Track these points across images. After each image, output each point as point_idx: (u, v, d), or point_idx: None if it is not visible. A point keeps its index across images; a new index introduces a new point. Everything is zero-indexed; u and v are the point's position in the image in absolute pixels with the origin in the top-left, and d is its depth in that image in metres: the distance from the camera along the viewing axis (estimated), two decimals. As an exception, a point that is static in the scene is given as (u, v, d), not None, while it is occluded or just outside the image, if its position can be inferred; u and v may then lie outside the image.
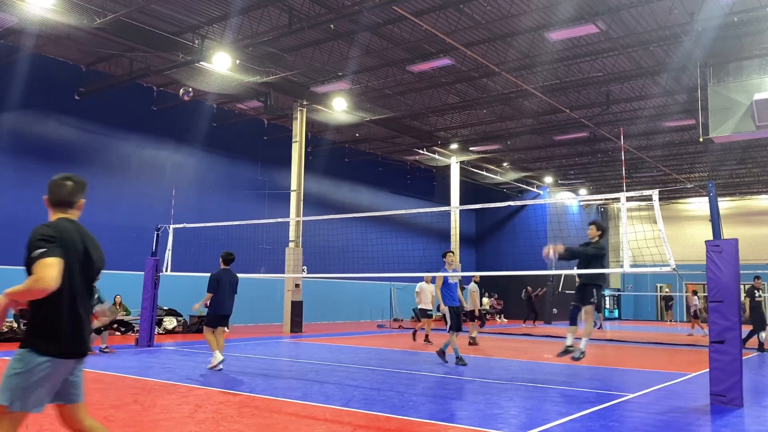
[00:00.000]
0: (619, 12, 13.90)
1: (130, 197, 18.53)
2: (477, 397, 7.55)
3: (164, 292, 14.62)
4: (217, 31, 15.41)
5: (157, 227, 14.03)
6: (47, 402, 3.32)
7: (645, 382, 9.18)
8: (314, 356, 12.07)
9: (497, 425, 5.94)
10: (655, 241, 8.24)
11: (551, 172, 30.71)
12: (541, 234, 32.50)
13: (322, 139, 24.27)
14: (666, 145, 24.65)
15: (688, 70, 16.79)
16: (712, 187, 7.80)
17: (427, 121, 22.74)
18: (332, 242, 24.87)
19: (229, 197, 21.00)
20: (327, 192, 24.91)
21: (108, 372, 9.16)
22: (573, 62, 16.96)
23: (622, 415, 6.66)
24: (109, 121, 18.17)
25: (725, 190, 32.08)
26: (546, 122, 22.46)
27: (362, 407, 6.76)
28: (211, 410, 6.45)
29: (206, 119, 20.69)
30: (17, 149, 16.25)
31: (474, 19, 14.44)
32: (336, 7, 13.76)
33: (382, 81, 18.51)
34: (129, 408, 6.50)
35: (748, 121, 15.02)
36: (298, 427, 5.80)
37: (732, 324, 7.11)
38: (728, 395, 7.07)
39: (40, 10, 12.60)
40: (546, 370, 10.76)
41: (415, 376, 9.41)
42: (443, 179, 28.61)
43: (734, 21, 13.96)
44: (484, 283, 33.59)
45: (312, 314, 22.00)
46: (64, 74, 17.12)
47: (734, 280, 7.20)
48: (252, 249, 21.17)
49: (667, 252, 7.96)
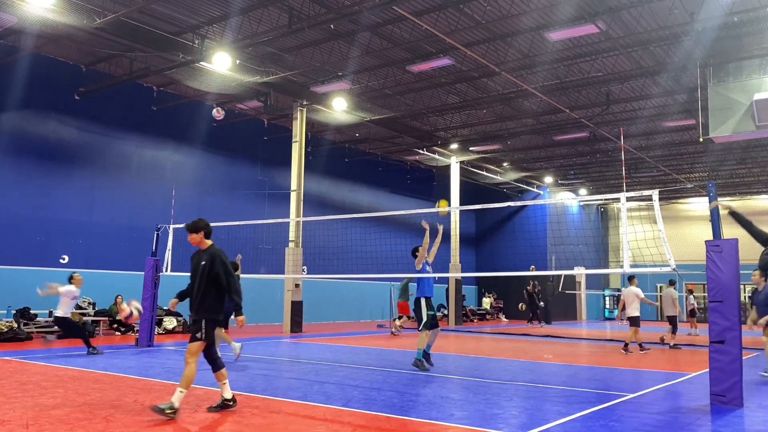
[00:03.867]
0: (619, 12, 13.90)
1: (130, 197, 18.53)
2: (477, 397, 7.55)
3: (164, 292, 14.60)
4: (217, 31, 15.41)
5: (157, 227, 14.03)
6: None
7: (645, 382, 9.18)
8: (314, 356, 12.07)
9: (497, 425, 5.94)
10: (655, 241, 8.24)
11: (551, 172, 30.71)
12: (540, 234, 32.59)
13: (322, 139, 24.27)
14: (666, 145, 24.65)
15: (688, 70, 16.79)
16: (712, 187, 7.80)
17: (427, 121, 22.74)
18: (332, 242, 24.87)
19: (229, 197, 21.00)
20: (327, 192, 24.92)
21: (108, 372, 9.16)
22: (573, 62, 16.96)
23: (622, 415, 6.66)
24: (109, 121, 18.17)
25: (725, 190, 32.09)
26: (546, 122, 22.46)
27: (362, 407, 6.76)
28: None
29: (206, 119, 20.68)
30: (17, 149, 16.25)
31: (474, 19, 14.44)
32: (336, 7, 13.76)
33: (382, 81, 18.50)
34: (129, 408, 6.50)
35: (748, 121, 15.03)
36: (298, 427, 5.80)
37: (732, 324, 7.11)
38: (728, 395, 7.07)
39: (40, 10, 12.59)
40: (546, 370, 10.76)
41: (415, 376, 9.40)
42: (443, 179, 28.60)
43: (734, 21, 13.96)
44: (483, 283, 33.72)
45: (312, 314, 22.00)
46: (64, 74, 17.12)
47: (734, 280, 7.20)
48: (252, 249, 21.19)
49: (667, 252, 7.96)
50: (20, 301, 15.14)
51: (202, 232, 6.60)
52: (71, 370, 9.28)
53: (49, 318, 15.47)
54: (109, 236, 17.83)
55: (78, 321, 15.51)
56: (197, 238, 6.61)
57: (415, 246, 10.68)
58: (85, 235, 17.34)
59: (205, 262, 6.44)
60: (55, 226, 16.80)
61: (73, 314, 15.59)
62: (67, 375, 8.76)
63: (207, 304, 6.42)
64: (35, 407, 6.39)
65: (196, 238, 6.62)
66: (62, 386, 7.77)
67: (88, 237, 17.37)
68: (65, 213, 16.94)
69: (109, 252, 17.68)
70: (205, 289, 6.41)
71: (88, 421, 5.85)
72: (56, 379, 8.39)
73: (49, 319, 15.45)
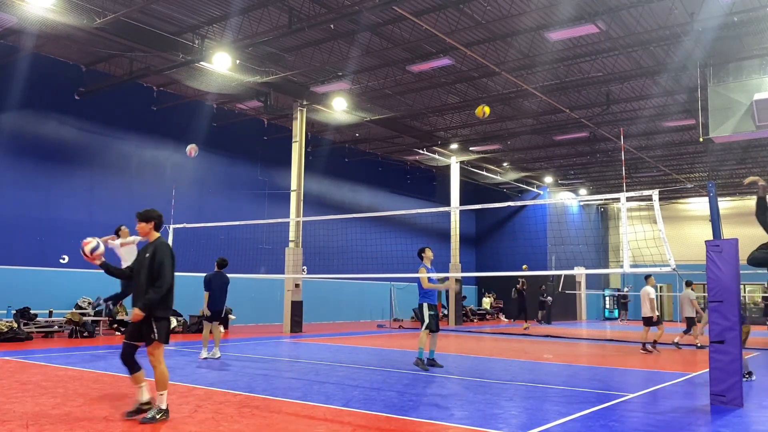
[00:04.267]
0: (619, 12, 13.90)
1: (130, 197, 18.52)
2: (477, 397, 7.55)
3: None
4: (217, 31, 15.41)
5: (157, 227, 14.00)
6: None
7: (645, 382, 9.18)
8: (314, 356, 12.07)
9: (497, 425, 5.94)
10: (655, 241, 8.25)
11: (551, 172, 30.71)
12: (540, 234, 32.60)
13: (322, 139, 24.27)
14: (666, 145, 24.65)
15: (688, 70, 16.79)
16: (712, 187, 7.80)
17: (427, 121, 22.74)
18: (332, 242, 24.89)
19: (229, 197, 20.99)
20: (327, 192, 24.92)
21: (108, 372, 9.16)
22: (573, 62, 16.96)
23: (622, 415, 6.66)
24: (109, 121, 18.17)
25: (725, 190, 32.08)
26: (546, 122, 22.46)
27: (362, 407, 6.76)
28: (211, 410, 6.45)
29: (206, 119, 20.69)
30: (17, 149, 16.25)
31: (474, 19, 14.44)
32: (336, 7, 13.76)
33: (382, 81, 18.51)
34: (129, 408, 6.49)
35: (748, 121, 15.03)
36: (298, 427, 5.80)
37: (732, 324, 7.11)
38: (728, 395, 7.07)
39: (40, 10, 12.59)
40: (546, 370, 10.76)
41: (415, 376, 9.40)
42: (443, 179, 28.61)
43: (734, 21, 13.95)
44: (484, 283, 33.74)
45: (312, 314, 22.00)
46: (64, 74, 17.12)
47: (734, 280, 7.20)
48: (252, 249, 21.19)
49: (666, 252, 7.97)
50: (20, 301, 15.14)
51: (153, 223, 6.23)
52: (71, 370, 9.28)
53: (50, 318, 15.49)
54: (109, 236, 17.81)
55: (79, 321, 15.54)
56: (146, 228, 6.23)
57: (421, 247, 10.69)
58: (85, 235, 17.22)
59: (149, 254, 6.05)
60: (55, 226, 16.79)
61: (73, 314, 15.63)
62: (67, 375, 8.76)
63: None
64: (35, 407, 6.39)
65: (145, 228, 6.23)
66: (62, 386, 7.77)
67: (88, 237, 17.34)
68: (65, 213, 16.94)
69: (109, 252, 17.64)
70: (147, 282, 5.97)
71: (88, 421, 5.85)
72: (56, 379, 8.39)
73: (49, 318, 15.46)
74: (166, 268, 6.00)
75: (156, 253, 6.02)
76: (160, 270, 5.96)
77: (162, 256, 6.01)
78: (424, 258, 10.53)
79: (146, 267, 6.03)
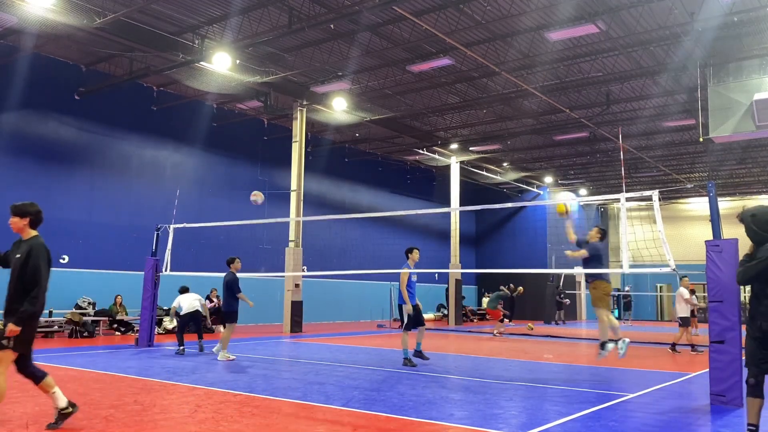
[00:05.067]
0: (619, 12, 13.90)
1: (130, 197, 18.53)
2: (477, 397, 7.55)
3: (164, 292, 14.62)
4: (217, 31, 15.41)
5: (157, 227, 14.03)
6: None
7: (645, 382, 9.18)
8: (314, 356, 12.07)
9: (497, 425, 5.94)
10: (655, 242, 8.24)
11: (551, 172, 30.71)
12: (540, 234, 32.61)
13: (322, 139, 24.28)
14: (666, 145, 24.65)
15: (688, 70, 16.78)
16: (712, 187, 7.79)
17: (427, 121, 22.74)
18: (332, 242, 24.94)
19: (229, 197, 21.00)
20: (327, 192, 24.92)
21: (108, 372, 9.16)
22: (573, 62, 16.96)
23: (622, 415, 6.66)
24: (109, 121, 18.17)
25: (725, 190, 32.08)
26: (546, 122, 22.46)
27: (362, 407, 6.76)
28: (211, 410, 6.46)
29: (206, 119, 20.69)
30: (17, 149, 16.25)
31: (474, 19, 14.44)
32: (336, 7, 13.76)
33: (382, 81, 18.50)
34: (129, 408, 6.50)
35: (748, 121, 15.03)
36: (298, 427, 5.80)
37: (732, 324, 7.11)
38: (728, 395, 7.07)
39: (40, 10, 12.59)
40: (546, 370, 10.77)
41: (415, 376, 9.41)
42: (443, 179, 28.61)
43: (734, 21, 13.95)
44: (484, 283, 33.71)
45: (312, 314, 22.00)
46: (64, 74, 17.12)
47: (734, 280, 7.20)
48: (252, 249, 21.21)
49: (666, 252, 7.96)
50: (20, 301, 15.11)
51: (29, 219, 5.40)
52: (71, 370, 9.28)
53: (50, 318, 15.48)
54: (109, 236, 17.82)
55: (79, 321, 15.53)
56: (20, 224, 5.39)
57: (410, 247, 10.75)
58: (85, 235, 17.33)
59: (21, 254, 5.22)
60: (55, 226, 16.77)
61: (73, 314, 15.63)
62: (67, 375, 8.76)
63: (18, 305, 5.14)
64: (35, 407, 6.39)
65: (18, 223, 5.40)
66: (62, 386, 7.74)
67: (88, 237, 17.36)
68: (65, 213, 16.93)
69: (109, 252, 17.67)
70: (17, 287, 5.17)
71: (88, 421, 5.85)
72: (56, 379, 8.35)
73: (49, 318, 15.46)
74: (42, 273, 5.20)
75: (30, 256, 5.20)
76: (35, 276, 5.17)
77: (37, 259, 5.20)
78: (410, 258, 10.57)
79: (17, 270, 5.21)
